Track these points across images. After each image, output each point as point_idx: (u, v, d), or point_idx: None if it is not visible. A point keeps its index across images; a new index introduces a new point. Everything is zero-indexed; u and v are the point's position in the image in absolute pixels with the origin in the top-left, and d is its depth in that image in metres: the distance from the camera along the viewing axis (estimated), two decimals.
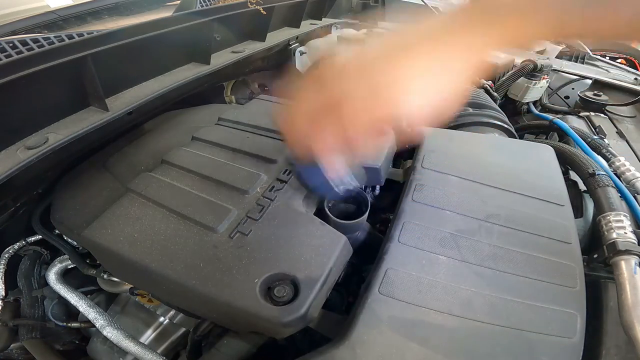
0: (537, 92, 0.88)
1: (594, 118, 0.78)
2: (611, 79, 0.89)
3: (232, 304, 0.31)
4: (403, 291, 0.32)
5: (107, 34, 0.47)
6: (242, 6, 0.71)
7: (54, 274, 0.51)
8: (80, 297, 0.48)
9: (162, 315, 0.52)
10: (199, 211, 0.38)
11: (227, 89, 0.86)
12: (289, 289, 0.31)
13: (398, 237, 0.37)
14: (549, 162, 0.48)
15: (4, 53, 0.44)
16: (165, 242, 0.36)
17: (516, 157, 0.48)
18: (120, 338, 0.44)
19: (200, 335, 0.43)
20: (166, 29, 0.55)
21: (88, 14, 0.79)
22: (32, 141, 0.42)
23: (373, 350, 0.28)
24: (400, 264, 0.34)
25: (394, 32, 0.26)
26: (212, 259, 0.34)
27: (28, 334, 0.48)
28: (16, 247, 0.52)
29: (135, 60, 0.55)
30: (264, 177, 0.43)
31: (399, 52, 0.24)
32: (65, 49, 0.42)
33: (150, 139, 0.58)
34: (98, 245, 0.37)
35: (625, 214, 0.43)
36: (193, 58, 0.66)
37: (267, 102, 0.62)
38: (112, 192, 0.46)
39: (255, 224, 0.37)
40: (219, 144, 0.49)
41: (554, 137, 0.77)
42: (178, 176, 0.44)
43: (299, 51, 0.91)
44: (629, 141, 0.70)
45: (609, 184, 0.48)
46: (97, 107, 0.49)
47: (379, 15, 1.46)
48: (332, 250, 0.34)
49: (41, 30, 0.69)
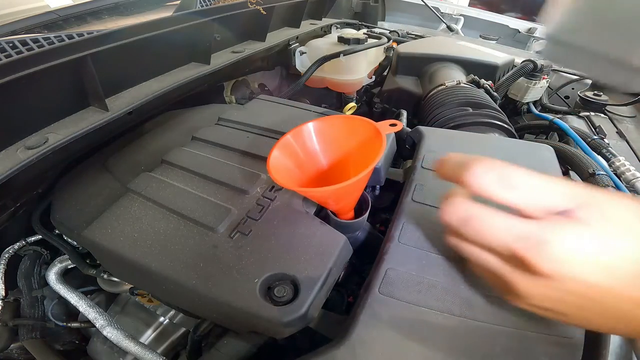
0: (537, 92, 0.88)
1: (594, 118, 0.78)
2: None
3: (232, 304, 0.31)
4: (403, 291, 0.32)
5: (107, 33, 0.47)
6: (242, 6, 0.71)
7: (54, 274, 0.51)
8: (80, 297, 0.48)
9: (162, 315, 0.52)
10: (199, 211, 0.38)
11: (227, 89, 0.86)
12: (289, 289, 0.31)
13: (398, 237, 0.37)
14: (549, 162, 0.48)
15: (3, 53, 0.44)
16: (165, 242, 0.36)
17: (516, 157, 0.48)
18: (120, 338, 0.44)
19: (200, 335, 0.43)
20: (166, 29, 0.55)
21: (88, 14, 0.79)
22: (32, 141, 0.42)
23: (373, 350, 0.28)
24: (400, 264, 0.34)
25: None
26: (212, 258, 0.34)
27: (28, 334, 0.48)
28: (16, 247, 0.52)
29: (135, 60, 0.55)
30: (264, 177, 0.43)
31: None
32: (65, 49, 0.42)
33: (150, 139, 0.58)
34: (98, 245, 0.37)
35: None
36: (193, 58, 0.66)
37: (267, 102, 0.62)
38: (112, 192, 0.46)
39: (255, 224, 0.37)
40: (219, 144, 0.50)
41: (554, 137, 0.77)
42: (178, 176, 0.44)
43: (299, 51, 0.91)
44: (629, 141, 0.70)
45: (609, 184, 0.48)
46: (97, 107, 0.49)
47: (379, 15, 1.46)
48: (332, 250, 0.34)
49: (41, 30, 0.69)
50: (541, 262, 0.21)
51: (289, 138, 0.36)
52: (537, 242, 0.21)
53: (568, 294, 0.22)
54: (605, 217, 0.21)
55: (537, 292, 0.23)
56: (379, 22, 1.44)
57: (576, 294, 0.22)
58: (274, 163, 0.33)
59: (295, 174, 0.37)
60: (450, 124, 0.65)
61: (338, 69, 0.89)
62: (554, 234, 0.21)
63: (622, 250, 0.21)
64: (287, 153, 0.36)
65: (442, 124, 0.66)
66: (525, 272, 0.23)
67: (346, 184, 0.28)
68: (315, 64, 0.84)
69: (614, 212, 0.21)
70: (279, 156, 0.35)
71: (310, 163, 0.38)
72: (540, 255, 0.21)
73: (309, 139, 0.38)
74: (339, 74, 0.90)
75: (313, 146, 0.38)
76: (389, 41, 0.95)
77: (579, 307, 0.23)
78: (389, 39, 0.95)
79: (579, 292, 0.22)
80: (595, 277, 0.21)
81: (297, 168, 0.37)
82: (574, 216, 0.21)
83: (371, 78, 0.98)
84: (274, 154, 0.34)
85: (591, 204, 0.22)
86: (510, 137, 0.63)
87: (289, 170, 0.36)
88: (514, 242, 0.22)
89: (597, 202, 0.22)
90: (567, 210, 0.22)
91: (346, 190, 0.32)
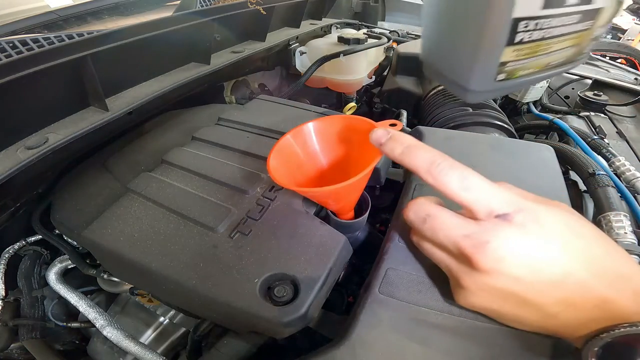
0: (537, 92, 0.88)
1: (594, 118, 0.78)
2: (611, 78, 0.88)
3: (232, 304, 0.31)
4: (403, 291, 0.32)
5: (106, 34, 0.47)
6: (242, 6, 0.71)
7: (54, 274, 0.51)
8: (80, 297, 0.48)
9: (162, 315, 0.52)
10: (199, 211, 0.38)
11: (227, 89, 0.86)
12: (289, 288, 0.31)
13: (398, 237, 0.37)
14: (549, 162, 0.48)
15: (4, 53, 0.44)
16: (165, 241, 0.36)
17: (516, 157, 0.48)
18: (120, 338, 0.44)
19: (200, 335, 0.43)
20: (166, 29, 0.54)
21: (88, 14, 0.79)
22: (32, 141, 0.42)
23: (373, 350, 0.28)
24: (400, 264, 0.34)
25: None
26: (212, 258, 0.34)
27: (28, 333, 0.48)
28: (16, 247, 0.52)
29: (135, 60, 0.55)
30: (264, 177, 0.43)
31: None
32: (65, 49, 0.42)
33: (150, 139, 0.58)
34: (98, 245, 0.38)
35: (626, 214, 0.43)
36: (193, 58, 0.66)
37: (267, 102, 0.62)
38: (112, 192, 0.46)
39: (255, 224, 0.37)
40: (219, 144, 0.50)
41: (554, 137, 0.77)
42: (178, 176, 0.44)
43: (299, 51, 0.91)
44: (629, 141, 0.70)
45: (609, 184, 0.48)
46: (97, 107, 0.49)
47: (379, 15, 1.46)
48: (332, 250, 0.34)
49: (41, 30, 0.69)
50: (482, 259, 0.24)
51: (288, 138, 0.36)
52: (480, 241, 0.24)
53: (502, 292, 0.25)
54: (538, 222, 0.24)
55: (477, 288, 0.26)
56: (379, 22, 1.44)
57: (508, 291, 0.25)
58: (274, 163, 0.33)
59: (295, 174, 0.37)
60: (450, 124, 0.65)
61: (338, 69, 0.89)
62: (493, 235, 0.24)
63: (549, 251, 0.24)
64: (286, 153, 0.36)
65: (442, 124, 0.67)
66: (469, 268, 0.25)
67: (346, 183, 0.28)
68: (315, 64, 0.84)
69: (546, 218, 0.24)
70: (279, 156, 0.35)
71: (310, 163, 0.38)
72: (481, 253, 0.24)
73: (309, 139, 0.38)
74: (339, 74, 0.91)
75: (313, 146, 0.38)
76: (389, 41, 0.95)
77: (513, 305, 0.26)
78: (389, 39, 0.95)
79: (510, 288, 0.25)
80: (522, 273, 0.24)
81: (297, 168, 0.37)
82: (511, 220, 0.24)
83: (371, 78, 0.98)
84: (273, 154, 0.34)
85: (527, 209, 0.24)
86: (510, 137, 0.63)
87: (288, 170, 0.36)
88: (461, 240, 0.25)
89: (532, 208, 0.24)
90: (506, 214, 0.24)
91: (346, 190, 0.32)
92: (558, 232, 0.24)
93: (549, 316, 0.25)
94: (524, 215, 0.24)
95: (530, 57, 0.37)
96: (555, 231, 0.24)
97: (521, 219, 0.24)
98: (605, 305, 0.23)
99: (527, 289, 0.24)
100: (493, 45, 0.27)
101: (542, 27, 0.37)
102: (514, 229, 0.24)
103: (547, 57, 0.36)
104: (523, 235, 0.24)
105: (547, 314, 0.25)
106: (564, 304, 0.24)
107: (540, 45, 0.37)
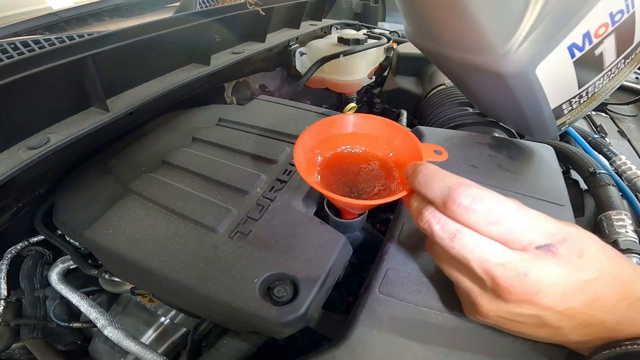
0: None
1: (595, 117, 0.77)
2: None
3: (231, 304, 0.31)
4: (403, 291, 0.32)
5: (107, 35, 0.47)
6: (242, 7, 0.71)
7: (56, 274, 0.52)
8: (81, 297, 0.49)
9: (163, 316, 0.52)
10: (199, 211, 0.39)
11: (227, 89, 0.86)
12: (289, 289, 0.31)
13: (398, 237, 0.37)
14: (549, 161, 0.48)
15: (5, 54, 0.44)
16: (166, 242, 0.36)
17: (516, 157, 0.48)
18: (121, 338, 0.44)
19: (200, 335, 0.43)
20: (166, 30, 0.55)
21: (89, 16, 0.80)
22: (33, 141, 0.42)
23: (373, 350, 0.28)
24: (400, 264, 0.34)
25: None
26: (212, 259, 0.34)
27: (30, 333, 0.48)
28: (18, 247, 0.53)
29: (135, 61, 0.55)
30: (264, 177, 0.43)
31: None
32: (66, 50, 0.42)
33: (151, 139, 0.58)
34: (99, 246, 0.38)
35: (627, 213, 0.43)
36: (193, 59, 0.66)
37: (267, 102, 0.63)
38: (113, 193, 0.47)
39: (255, 224, 0.37)
40: (220, 145, 0.50)
41: None
42: (178, 177, 0.44)
43: (299, 52, 0.92)
44: (630, 140, 0.69)
45: (610, 182, 0.48)
46: (98, 107, 0.50)
47: (379, 15, 1.46)
48: (332, 250, 0.34)
49: (43, 31, 0.69)
50: (516, 291, 0.23)
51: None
52: (517, 272, 0.23)
53: (524, 317, 0.25)
54: (581, 255, 0.23)
55: (496, 314, 0.25)
56: (379, 22, 1.44)
57: (531, 316, 0.24)
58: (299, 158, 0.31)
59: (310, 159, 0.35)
60: (450, 123, 0.65)
61: (338, 70, 0.89)
62: (534, 267, 0.23)
63: (587, 283, 0.23)
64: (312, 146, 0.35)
65: (442, 124, 0.66)
66: (493, 295, 0.25)
67: (384, 200, 0.28)
68: (316, 65, 0.84)
69: (590, 249, 0.23)
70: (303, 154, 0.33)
71: (327, 146, 0.37)
72: (516, 285, 0.23)
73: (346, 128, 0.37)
74: (339, 75, 0.91)
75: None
76: (389, 41, 0.95)
77: (529, 327, 0.25)
78: (389, 39, 0.95)
79: (534, 314, 0.24)
80: (554, 303, 0.23)
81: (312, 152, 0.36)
82: (555, 251, 0.23)
83: (371, 78, 0.98)
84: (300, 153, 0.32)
85: (570, 240, 0.23)
86: (510, 136, 0.63)
87: (308, 162, 0.34)
88: (494, 268, 0.23)
89: (574, 239, 0.23)
90: (549, 245, 0.23)
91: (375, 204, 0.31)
92: (597, 262, 0.23)
93: (562, 335, 0.25)
94: (568, 248, 0.23)
95: (588, 106, 0.43)
96: (595, 262, 0.23)
97: (565, 251, 0.23)
98: (619, 327, 0.24)
99: (551, 315, 0.24)
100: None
101: (587, 93, 0.41)
102: (558, 261, 0.23)
103: (610, 90, 0.44)
104: (565, 268, 0.23)
105: (561, 333, 0.25)
106: (582, 325, 0.24)
107: (593, 99, 0.41)
